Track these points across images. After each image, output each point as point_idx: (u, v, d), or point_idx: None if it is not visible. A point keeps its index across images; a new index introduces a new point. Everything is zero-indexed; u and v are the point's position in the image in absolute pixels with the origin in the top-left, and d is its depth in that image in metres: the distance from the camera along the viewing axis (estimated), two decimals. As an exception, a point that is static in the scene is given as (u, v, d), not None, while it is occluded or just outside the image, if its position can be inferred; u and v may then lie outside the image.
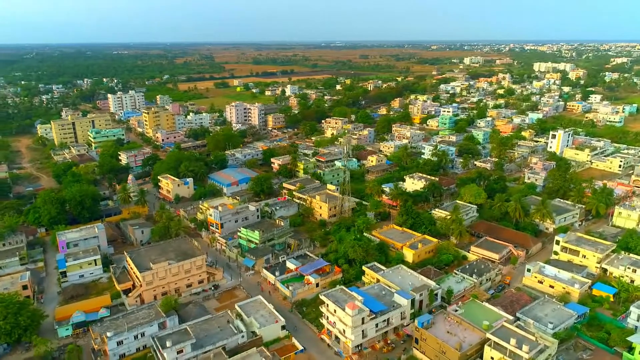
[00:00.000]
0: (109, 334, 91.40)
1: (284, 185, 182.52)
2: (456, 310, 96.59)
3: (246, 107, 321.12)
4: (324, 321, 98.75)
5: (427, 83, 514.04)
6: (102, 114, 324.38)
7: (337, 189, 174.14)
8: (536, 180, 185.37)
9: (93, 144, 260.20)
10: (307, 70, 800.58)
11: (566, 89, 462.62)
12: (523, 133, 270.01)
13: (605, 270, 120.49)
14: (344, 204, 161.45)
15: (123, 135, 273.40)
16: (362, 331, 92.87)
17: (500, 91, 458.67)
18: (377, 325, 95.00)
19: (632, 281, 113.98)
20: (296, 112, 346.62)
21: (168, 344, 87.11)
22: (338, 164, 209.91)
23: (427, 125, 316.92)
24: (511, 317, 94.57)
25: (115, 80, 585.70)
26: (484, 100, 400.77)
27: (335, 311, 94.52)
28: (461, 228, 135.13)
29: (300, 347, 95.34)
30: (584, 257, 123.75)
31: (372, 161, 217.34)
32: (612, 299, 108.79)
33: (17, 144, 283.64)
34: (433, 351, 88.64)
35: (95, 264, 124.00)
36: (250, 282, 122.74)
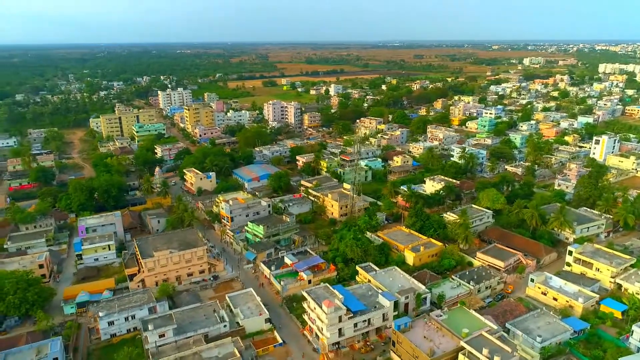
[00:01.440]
0: (100, 314, 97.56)
1: (302, 182, 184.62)
2: (439, 316, 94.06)
3: (283, 106, 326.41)
4: (306, 317, 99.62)
5: (475, 84, 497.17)
6: (148, 110, 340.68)
7: (356, 188, 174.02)
8: (567, 187, 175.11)
9: (136, 138, 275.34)
10: (358, 70, 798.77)
11: (630, 92, 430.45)
12: (566, 138, 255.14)
13: (620, 286, 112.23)
14: (357, 204, 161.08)
15: (164, 130, 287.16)
16: (339, 329, 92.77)
17: (554, 93, 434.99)
18: (356, 324, 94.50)
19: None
20: (333, 111, 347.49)
21: (150, 327, 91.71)
22: (362, 163, 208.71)
23: (466, 127, 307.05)
24: (496, 327, 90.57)
25: (170, 78, 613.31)
26: (534, 103, 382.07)
27: (314, 308, 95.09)
28: (467, 233, 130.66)
29: (280, 341, 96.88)
30: (598, 271, 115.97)
31: (397, 162, 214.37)
32: (620, 317, 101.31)
33: (71, 136, 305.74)
34: (407, 355, 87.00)
35: (109, 249, 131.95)
36: (250, 275, 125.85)
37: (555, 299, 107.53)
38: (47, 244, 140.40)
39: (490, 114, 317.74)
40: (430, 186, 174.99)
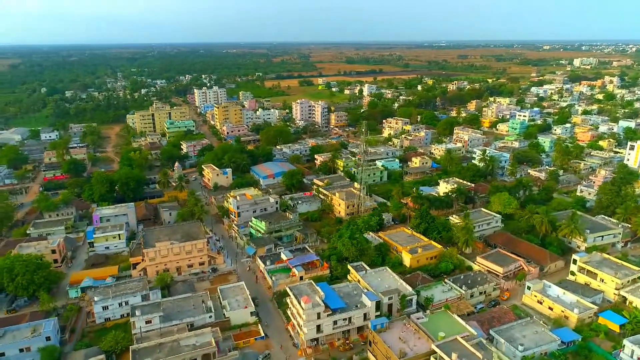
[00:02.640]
0: (96, 299, 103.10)
1: (314, 181, 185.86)
2: (420, 319, 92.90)
3: (310, 105, 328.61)
4: (289, 312, 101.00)
5: (515, 85, 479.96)
6: (180, 107, 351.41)
7: (364, 188, 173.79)
8: (589, 194, 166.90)
9: (167, 134, 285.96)
10: (398, 70, 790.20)
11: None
12: (601, 142, 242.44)
13: (625, 298, 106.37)
14: (366, 203, 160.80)
15: (193, 127, 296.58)
16: (318, 326, 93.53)
17: (599, 96, 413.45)
18: (335, 322, 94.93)
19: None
20: (362, 110, 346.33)
21: (137, 313, 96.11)
22: (379, 163, 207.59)
23: (497, 129, 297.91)
24: (475, 333, 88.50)
25: (210, 77, 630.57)
26: (575, 106, 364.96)
27: (295, 304, 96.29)
28: (468, 236, 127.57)
29: (262, 334, 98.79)
30: (602, 282, 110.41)
31: (415, 163, 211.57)
32: (617, 330, 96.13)
33: (109, 131, 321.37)
34: (382, 355, 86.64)
35: (119, 238, 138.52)
36: (249, 269, 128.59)
37: (550, 309, 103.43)
38: (66, 231, 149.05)
39: (523, 116, 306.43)
40: (444, 188, 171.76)
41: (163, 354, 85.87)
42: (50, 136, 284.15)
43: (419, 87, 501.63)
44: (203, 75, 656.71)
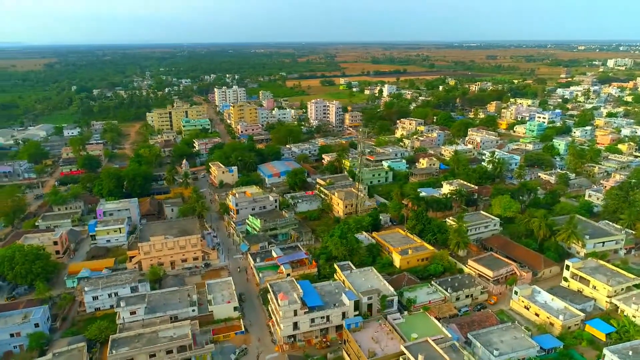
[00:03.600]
0: (86, 289, 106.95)
1: (317, 180, 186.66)
2: (396, 319, 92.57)
3: (325, 105, 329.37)
4: (269, 309, 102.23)
5: (540, 87, 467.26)
6: (197, 106, 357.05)
7: (365, 188, 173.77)
8: (597, 199, 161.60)
9: (183, 132, 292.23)
10: (422, 71, 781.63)
11: None
12: (620, 146, 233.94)
13: (617, 306, 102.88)
14: (366, 203, 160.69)
15: (209, 125, 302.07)
16: (295, 323, 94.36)
17: (629, 98, 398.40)
18: (313, 320, 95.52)
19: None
20: (378, 111, 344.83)
21: (122, 304, 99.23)
22: (385, 164, 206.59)
23: (514, 131, 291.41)
24: (450, 336, 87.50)
25: (233, 76, 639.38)
26: (601, 108, 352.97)
27: (274, 300, 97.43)
28: (459, 239, 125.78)
29: (242, 329, 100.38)
30: (595, 289, 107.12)
31: (422, 164, 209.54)
32: (604, 339, 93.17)
33: (129, 128, 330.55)
34: (354, 354, 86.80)
35: (120, 232, 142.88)
36: (241, 266, 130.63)
37: (537, 315, 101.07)
38: (73, 224, 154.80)
39: (543, 118, 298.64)
40: (447, 190, 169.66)
41: (140, 344, 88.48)
42: (72, 133, 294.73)
43: (441, 88, 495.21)
44: (227, 75, 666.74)
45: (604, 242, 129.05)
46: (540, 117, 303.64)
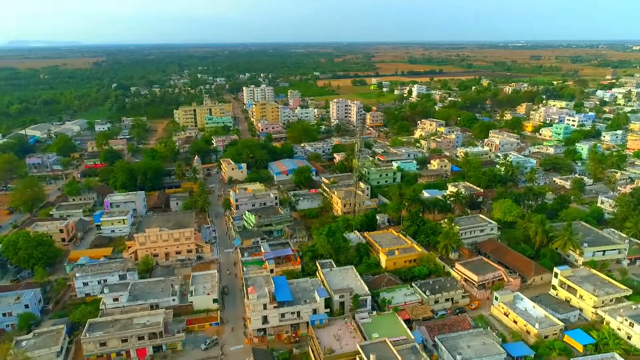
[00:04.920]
0: (77, 275, 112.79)
1: (323, 179, 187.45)
2: (364, 318, 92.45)
3: (347, 104, 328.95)
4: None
5: (578, 88, 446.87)
6: (221, 104, 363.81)
7: (368, 188, 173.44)
8: (610, 206, 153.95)
9: (205, 129, 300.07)
10: (459, 71, 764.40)
11: None
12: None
13: (603, 318, 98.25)
14: (365, 202, 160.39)
15: (230, 123, 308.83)
16: (265, 317, 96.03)
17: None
18: (283, 315, 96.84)
19: (629, 337, 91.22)
20: (401, 111, 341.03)
21: (106, 291, 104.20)
22: (395, 165, 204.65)
23: (540, 134, 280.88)
24: (413, 337, 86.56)
25: (267, 75, 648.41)
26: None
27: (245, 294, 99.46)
28: (447, 242, 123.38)
29: (217, 321, 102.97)
30: (581, 298, 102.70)
31: (433, 165, 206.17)
32: (581, 350, 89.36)
33: (158, 124, 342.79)
34: (316, 350, 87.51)
35: (124, 223, 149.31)
36: (231, 260, 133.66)
37: (515, 322, 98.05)
38: (84, 214, 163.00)
39: (572, 120, 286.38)
40: (451, 192, 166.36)
41: (115, 329, 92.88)
42: (103, 128, 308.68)
43: (473, 89, 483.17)
44: (262, 74, 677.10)
45: (604, 251, 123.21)
46: (569, 120, 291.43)
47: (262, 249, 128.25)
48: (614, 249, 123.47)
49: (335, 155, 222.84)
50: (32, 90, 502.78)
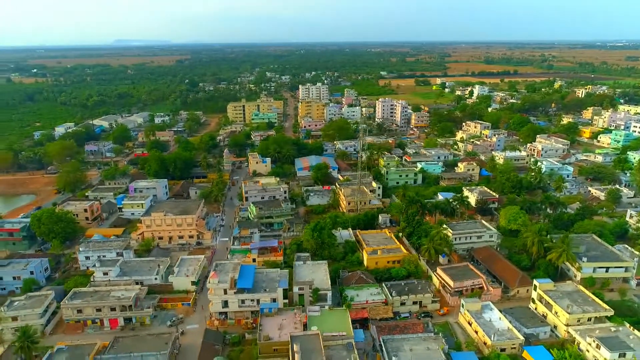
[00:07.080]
0: (81, 249, 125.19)
1: (339, 176, 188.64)
2: (314, 311, 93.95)
3: (392, 104, 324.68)
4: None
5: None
6: (268, 101, 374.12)
7: (379, 187, 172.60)
8: (638, 220, 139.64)
9: (250, 124, 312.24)
10: (537, 72, 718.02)
11: None
12: None
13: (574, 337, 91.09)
14: (370, 202, 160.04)
15: (275, 118, 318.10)
16: (225, 301, 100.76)
17: None
18: (243, 301, 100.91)
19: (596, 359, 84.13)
20: (447, 112, 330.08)
21: (97, 265, 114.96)
22: (420, 165, 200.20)
23: (598, 140, 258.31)
24: (352, 335, 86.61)
25: (331, 74, 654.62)
26: None
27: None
28: (430, 245, 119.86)
29: (189, 302, 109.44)
30: (556, 314, 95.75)
31: (460, 168, 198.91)
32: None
33: (212, 119, 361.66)
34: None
35: (142, 207, 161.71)
36: (225, 247, 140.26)
37: (476, 332, 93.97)
38: (114, 197, 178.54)
39: (638, 127, 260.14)
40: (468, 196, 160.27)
41: (93, 299, 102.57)
42: (162, 120, 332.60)
43: (543, 90, 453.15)
44: (327, 73, 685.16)
45: (607, 268, 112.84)
46: (636, 127, 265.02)
47: (253, 239, 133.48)
48: (619, 267, 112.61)
49: (362, 153, 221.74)
50: (116, 85, 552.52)
